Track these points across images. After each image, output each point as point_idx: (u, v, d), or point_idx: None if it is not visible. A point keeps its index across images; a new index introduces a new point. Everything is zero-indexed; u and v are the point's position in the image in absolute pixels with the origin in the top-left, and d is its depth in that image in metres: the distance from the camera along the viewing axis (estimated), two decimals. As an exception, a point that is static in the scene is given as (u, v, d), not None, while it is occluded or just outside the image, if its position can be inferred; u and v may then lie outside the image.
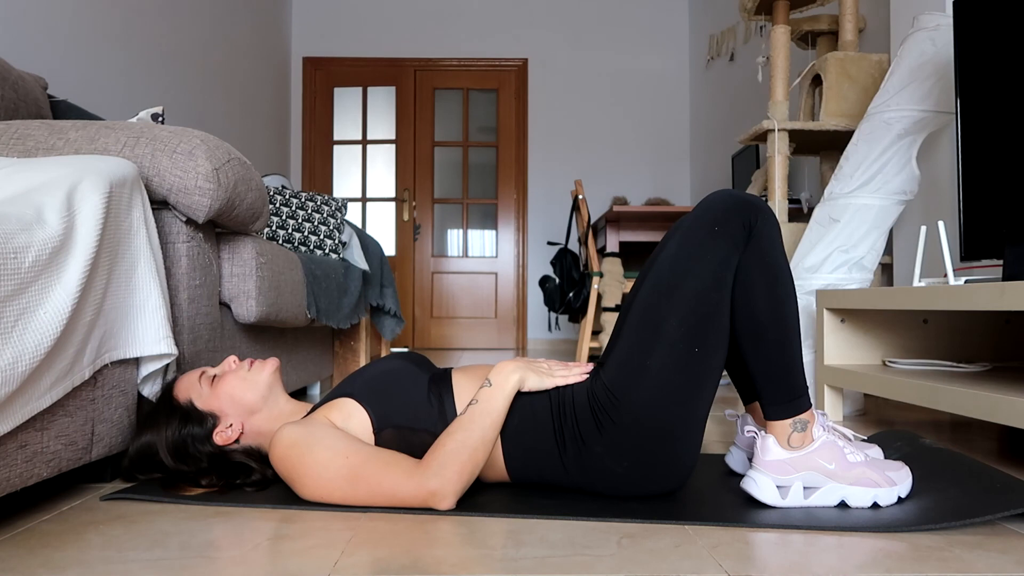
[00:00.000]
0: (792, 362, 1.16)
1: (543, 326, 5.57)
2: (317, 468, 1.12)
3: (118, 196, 1.22)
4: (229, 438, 1.24)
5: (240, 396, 1.26)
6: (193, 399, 1.26)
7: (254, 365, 1.31)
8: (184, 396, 1.27)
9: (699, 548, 0.98)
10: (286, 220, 2.60)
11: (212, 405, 1.25)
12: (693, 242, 1.16)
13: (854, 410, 2.20)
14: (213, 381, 1.28)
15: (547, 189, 5.63)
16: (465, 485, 1.11)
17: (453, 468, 1.10)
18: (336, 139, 5.68)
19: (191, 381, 1.28)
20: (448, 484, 1.09)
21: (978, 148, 1.74)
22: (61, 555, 0.95)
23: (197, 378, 1.28)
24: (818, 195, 3.19)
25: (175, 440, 1.22)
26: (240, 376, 1.28)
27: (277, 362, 1.34)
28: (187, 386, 1.28)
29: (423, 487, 1.09)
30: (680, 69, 5.65)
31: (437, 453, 1.11)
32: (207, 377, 1.29)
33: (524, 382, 1.19)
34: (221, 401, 1.26)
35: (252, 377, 1.29)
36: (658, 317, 1.14)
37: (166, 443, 1.22)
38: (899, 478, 1.17)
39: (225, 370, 1.30)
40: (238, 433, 1.25)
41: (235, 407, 1.26)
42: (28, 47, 2.57)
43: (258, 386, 1.28)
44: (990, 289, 1.40)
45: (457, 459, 1.10)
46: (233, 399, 1.26)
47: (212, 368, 1.33)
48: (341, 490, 1.12)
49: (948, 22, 2.20)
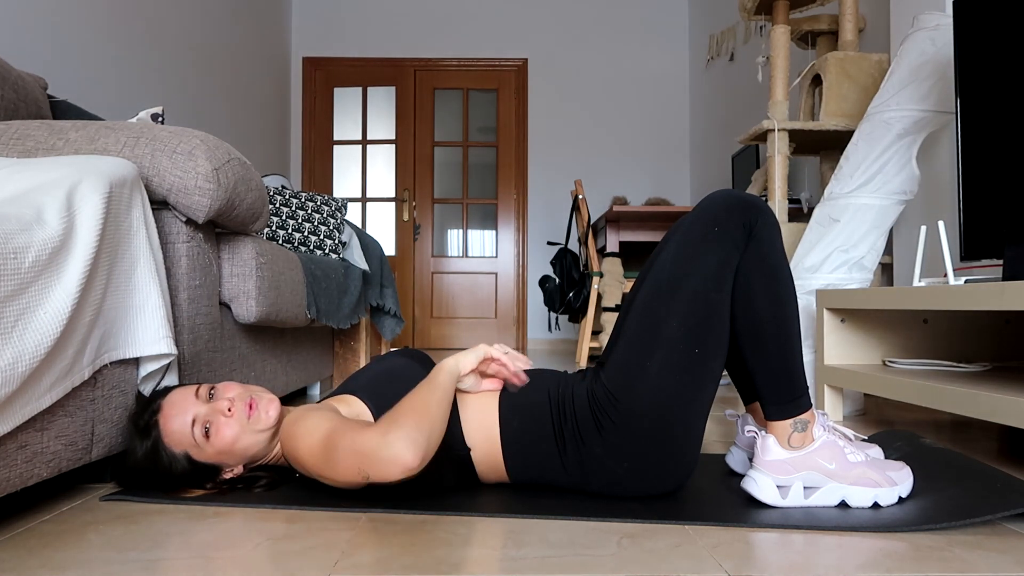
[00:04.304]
0: (792, 362, 1.16)
1: (543, 326, 5.56)
2: (306, 436, 1.10)
3: (118, 196, 1.22)
4: (236, 474, 1.23)
5: (241, 449, 1.19)
6: (189, 452, 1.18)
7: (253, 414, 1.19)
8: (179, 443, 1.17)
9: (699, 548, 0.98)
10: (286, 220, 2.60)
11: (211, 458, 1.19)
12: (693, 242, 1.16)
13: (854, 410, 2.20)
14: (208, 433, 1.17)
15: (547, 189, 5.63)
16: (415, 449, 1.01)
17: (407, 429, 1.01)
18: (336, 139, 5.68)
19: (181, 430, 1.17)
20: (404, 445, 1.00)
21: (978, 148, 1.74)
22: (61, 555, 0.95)
23: (189, 427, 1.17)
24: (818, 195, 3.19)
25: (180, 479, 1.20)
26: (240, 427, 1.18)
27: (277, 402, 1.23)
28: (180, 437, 1.17)
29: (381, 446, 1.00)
30: (680, 69, 5.65)
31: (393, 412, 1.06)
32: (200, 425, 1.17)
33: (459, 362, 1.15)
34: (221, 456, 1.19)
35: (253, 427, 1.19)
36: (658, 318, 1.14)
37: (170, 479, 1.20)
38: (900, 478, 1.17)
39: (220, 414, 1.18)
40: (242, 470, 1.24)
41: (235, 456, 1.20)
42: (28, 47, 2.57)
43: (261, 436, 1.20)
44: (990, 289, 1.40)
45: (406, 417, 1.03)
46: (233, 452, 1.19)
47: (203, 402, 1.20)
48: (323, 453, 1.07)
49: (948, 22, 2.20)
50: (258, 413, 1.20)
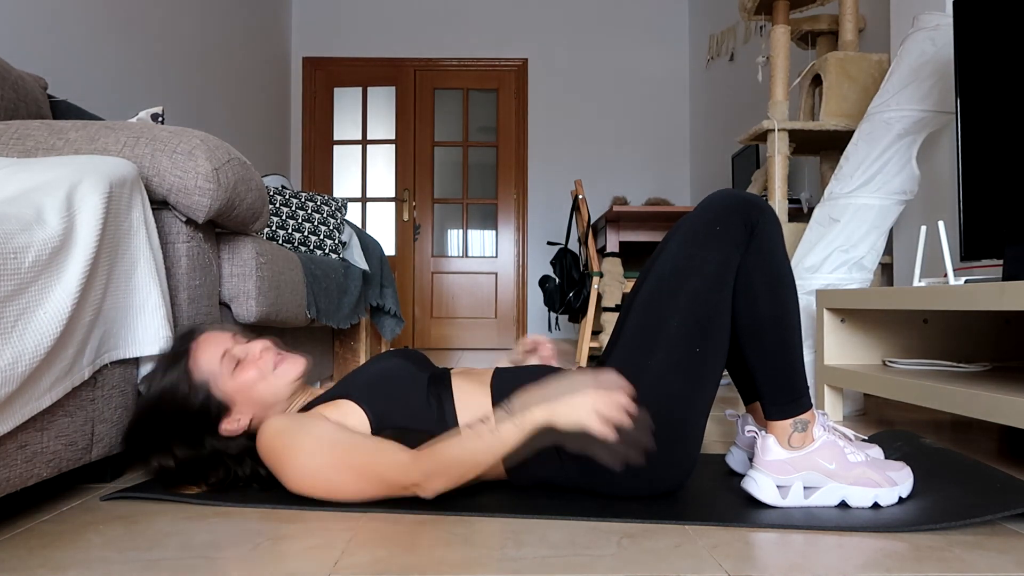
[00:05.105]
0: (793, 362, 1.16)
1: (543, 326, 5.56)
2: (302, 456, 1.11)
3: (118, 196, 1.22)
4: (234, 431, 1.22)
5: (258, 395, 1.22)
6: (210, 380, 1.20)
7: (280, 366, 1.24)
8: (203, 371, 1.20)
9: (699, 548, 0.98)
10: (286, 220, 2.60)
11: (227, 393, 1.20)
12: (694, 242, 1.16)
13: (854, 410, 2.20)
14: (236, 366, 1.22)
15: (547, 189, 5.63)
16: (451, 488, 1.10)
17: (446, 476, 1.08)
18: (336, 139, 5.68)
19: (212, 359, 1.21)
20: (436, 485, 1.08)
21: (978, 148, 1.74)
22: (61, 555, 0.95)
23: (219, 358, 1.21)
24: (818, 195, 3.19)
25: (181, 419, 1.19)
26: (262, 374, 1.22)
27: (304, 364, 1.27)
28: (208, 365, 1.21)
29: (410, 477, 1.08)
30: (680, 69, 5.65)
31: (436, 455, 1.08)
32: (230, 358, 1.22)
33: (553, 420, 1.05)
34: (238, 393, 1.21)
35: (274, 380, 1.23)
36: (659, 317, 1.14)
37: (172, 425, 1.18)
38: (900, 478, 1.17)
39: (251, 355, 1.24)
40: (244, 428, 1.22)
41: (249, 403, 1.22)
42: (28, 47, 2.57)
43: (278, 390, 1.23)
44: (990, 289, 1.40)
45: (453, 470, 1.08)
46: (250, 395, 1.21)
47: (240, 343, 1.26)
48: (326, 477, 1.11)
49: (948, 22, 2.20)
50: (285, 367, 1.25)
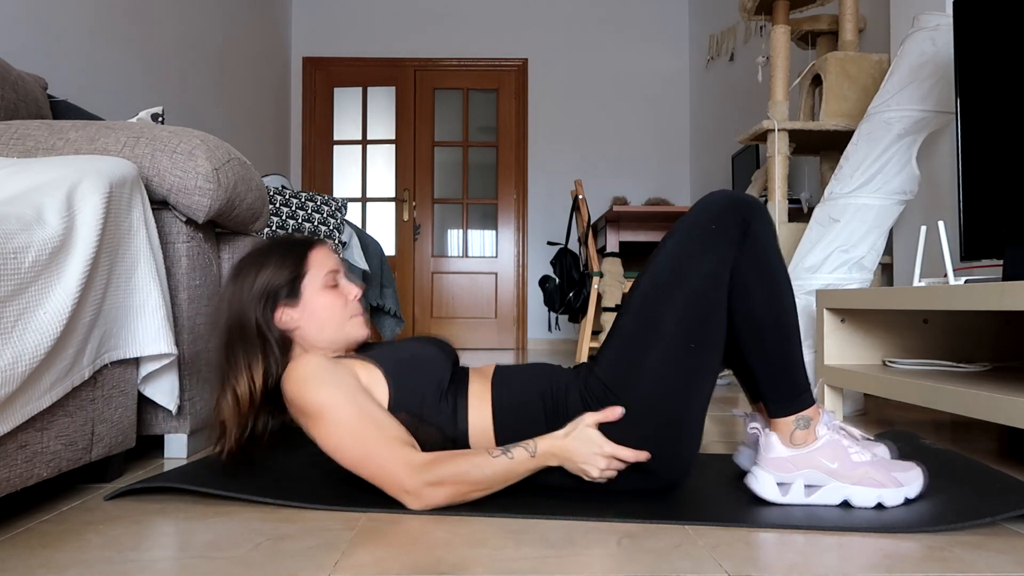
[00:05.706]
0: (792, 359, 1.16)
1: (543, 326, 5.56)
2: (331, 404, 1.13)
3: (118, 196, 1.22)
4: (283, 324, 1.22)
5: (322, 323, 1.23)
6: (309, 273, 1.23)
7: (356, 319, 1.26)
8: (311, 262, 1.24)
9: (699, 548, 0.98)
10: (286, 220, 2.60)
11: (308, 297, 1.22)
12: (690, 241, 1.17)
13: (854, 410, 2.20)
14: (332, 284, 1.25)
15: (547, 189, 5.63)
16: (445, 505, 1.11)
17: (448, 490, 1.10)
18: (336, 139, 5.68)
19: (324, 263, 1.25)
20: (433, 500, 1.10)
21: (978, 148, 1.74)
22: (61, 555, 0.95)
23: (328, 267, 1.25)
24: (818, 195, 3.19)
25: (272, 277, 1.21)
26: (343, 312, 1.25)
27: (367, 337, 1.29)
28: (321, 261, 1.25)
29: (409, 483, 1.09)
30: (680, 69, 5.65)
31: (446, 467, 1.10)
32: (332, 276, 1.25)
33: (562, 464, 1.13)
34: (313, 300, 1.22)
35: (345, 326, 1.25)
36: (655, 315, 1.15)
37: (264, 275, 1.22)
38: (907, 479, 1.15)
39: (348, 290, 1.27)
40: (293, 327, 1.22)
41: (312, 322, 1.23)
42: (28, 47, 2.57)
43: (337, 337, 1.24)
44: (990, 289, 1.40)
45: (459, 488, 1.10)
46: (318, 318, 1.23)
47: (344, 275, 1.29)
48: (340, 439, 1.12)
49: (948, 22, 2.19)
50: (359, 322, 1.27)
